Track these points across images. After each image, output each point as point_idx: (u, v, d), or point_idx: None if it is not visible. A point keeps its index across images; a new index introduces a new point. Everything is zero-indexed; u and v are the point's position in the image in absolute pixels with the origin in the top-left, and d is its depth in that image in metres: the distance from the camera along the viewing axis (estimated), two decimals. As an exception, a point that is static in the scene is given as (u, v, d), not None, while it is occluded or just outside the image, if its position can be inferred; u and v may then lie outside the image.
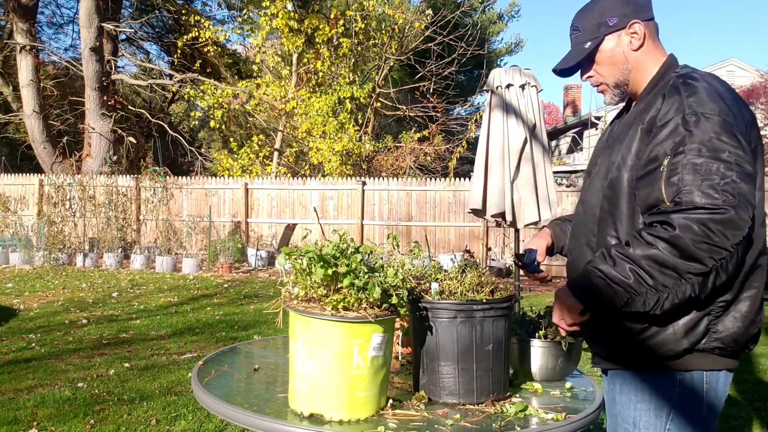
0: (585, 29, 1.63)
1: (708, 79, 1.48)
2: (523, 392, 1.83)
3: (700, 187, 1.32)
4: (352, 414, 1.53)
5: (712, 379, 1.48)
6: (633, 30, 1.57)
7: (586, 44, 1.62)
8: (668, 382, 1.48)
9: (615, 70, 1.61)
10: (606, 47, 1.60)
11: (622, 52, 1.59)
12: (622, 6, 1.58)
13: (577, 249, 1.65)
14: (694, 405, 1.48)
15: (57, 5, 29.93)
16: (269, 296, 8.63)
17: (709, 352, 1.45)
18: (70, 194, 13.40)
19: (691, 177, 1.33)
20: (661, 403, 1.49)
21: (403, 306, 1.62)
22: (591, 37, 1.61)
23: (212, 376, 1.86)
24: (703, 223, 1.30)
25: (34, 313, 7.20)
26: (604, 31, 1.59)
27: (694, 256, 1.31)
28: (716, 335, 1.43)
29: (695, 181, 1.32)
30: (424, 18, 16.12)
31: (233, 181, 13.95)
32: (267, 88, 15.52)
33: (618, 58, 1.60)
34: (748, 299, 1.44)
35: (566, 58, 1.68)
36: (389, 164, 16.10)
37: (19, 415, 3.78)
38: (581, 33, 1.64)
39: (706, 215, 1.30)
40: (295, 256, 1.58)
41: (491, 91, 5.93)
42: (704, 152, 1.34)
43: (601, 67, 1.63)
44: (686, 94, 1.43)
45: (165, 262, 11.70)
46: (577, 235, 1.67)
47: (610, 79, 1.63)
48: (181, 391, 4.37)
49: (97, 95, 15.28)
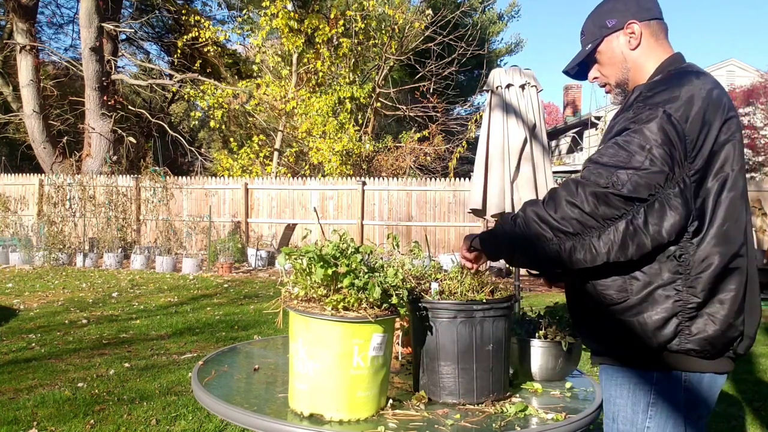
0: (588, 32, 1.69)
1: (688, 77, 1.48)
2: (523, 392, 1.83)
3: (610, 157, 1.41)
4: (352, 414, 1.53)
5: (692, 379, 1.48)
6: (630, 30, 1.61)
7: (587, 46, 1.68)
8: (646, 379, 1.50)
9: (615, 69, 1.66)
10: (605, 48, 1.65)
11: (621, 52, 1.63)
12: (621, 8, 1.63)
13: None
14: (673, 404, 1.48)
15: (57, 5, 29.96)
16: (269, 296, 8.63)
17: (685, 353, 1.45)
18: (70, 194, 13.41)
19: (611, 150, 1.43)
20: (638, 399, 1.50)
21: (403, 306, 1.62)
22: (591, 40, 1.67)
23: (212, 376, 1.86)
24: (578, 183, 1.41)
25: (34, 313, 7.20)
26: (604, 32, 1.65)
27: (565, 215, 1.41)
28: (690, 337, 1.42)
29: (608, 153, 1.42)
30: (424, 18, 16.13)
31: (233, 181, 13.95)
32: (267, 88, 15.52)
33: (617, 58, 1.64)
34: (724, 302, 1.43)
35: (571, 60, 1.75)
36: (389, 164, 16.11)
37: (19, 415, 3.78)
38: (585, 37, 1.70)
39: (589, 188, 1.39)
40: (295, 256, 1.58)
41: (491, 91, 5.93)
42: (630, 136, 1.42)
43: (604, 68, 1.68)
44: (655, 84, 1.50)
45: (165, 262, 11.70)
46: None
47: (612, 78, 1.68)
48: (181, 391, 4.37)
49: (97, 95, 15.29)
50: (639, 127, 1.41)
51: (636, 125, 1.42)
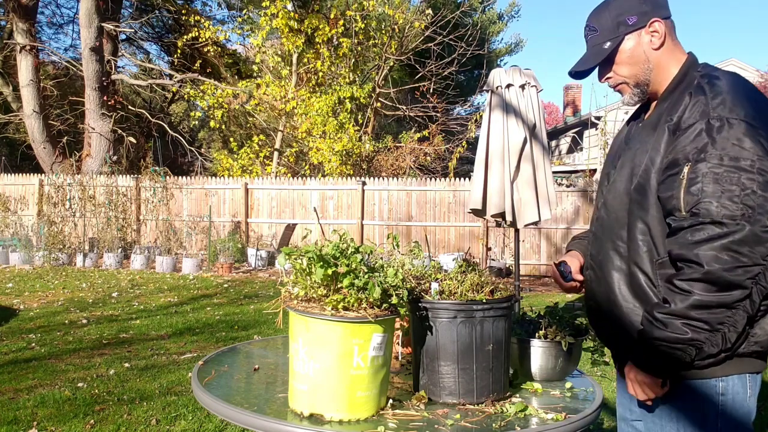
0: (603, 29, 1.58)
1: (732, 79, 1.45)
2: (523, 392, 1.82)
3: (719, 199, 1.30)
4: (352, 414, 1.53)
5: (755, 380, 1.48)
6: (653, 28, 1.54)
7: (605, 44, 1.57)
8: (709, 390, 1.46)
9: (636, 69, 1.57)
10: (626, 47, 1.56)
11: (643, 51, 1.55)
12: (640, 4, 1.54)
13: (603, 254, 1.61)
14: (739, 411, 1.47)
15: (57, 5, 29.94)
16: (269, 296, 8.63)
17: (748, 356, 1.44)
18: (70, 194, 13.40)
19: (710, 188, 1.32)
20: (706, 412, 1.46)
21: (403, 306, 1.62)
22: (610, 37, 1.56)
23: (212, 376, 1.86)
24: (728, 248, 1.29)
25: (34, 313, 7.20)
26: (624, 30, 1.55)
27: (731, 284, 1.30)
28: (754, 339, 1.42)
29: (714, 192, 1.31)
30: (424, 18, 16.12)
31: (233, 181, 13.95)
32: (267, 88, 15.52)
33: (639, 58, 1.56)
34: None
35: (584, 60, 1.63)
36: (389, 164, 16.10)
37: (19, 415, 3.78)
38: (599, 33, 1.59)
39: (728, 239, 1.29)
40: (295, 256, 1.58)
41: (491, 91, 5.93)
42: (726, 161, 1.32)
43: (621, 68, 1.59)
44: (711, 96, 1.40)
45: (165, 262, 11.70)
46: (602, 239, 1.63)
47: (630, 79, 1.59)
48: (181, 391, 4.37)
49: (97, 95, 15.29)
50: (729, 150, 1.33)
51: (723, 149, 1.34)
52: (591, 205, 12.65)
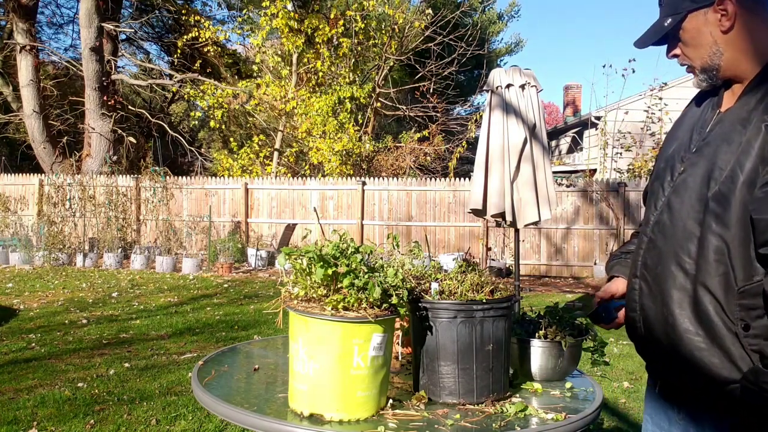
0: (667, 2, 1.38)
1: None
2: (523, 392, 1.82)
3: None
4: (352, 414, 1.53)
5: None
6: (723, 7, 1.29)
7: (666, 21, 1.38)
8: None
9: (701, 52, 1.35)
10: (689, 26, 1.34)
11: (709, 32, 1.32)
12: None
13: (662, 267, 1.36)
14: None
15: (57, 5, 29.92)
16: (269, 296, 8.63)
17: None
18: (70, 194, 13.41)
19: None
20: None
21: (403, 306, 1.62)
22: (672, 13, 1.36)
23: (212, 376, 1.86)
24: None
25: (34, 313, 7.20)
26: (687, 6, 1.33)
27: None
28: None
29: None
30: (424, 18, 16.13)
31: (233, 181, 13.95)
32: (267, 88, 15.53)
33: (704, 40, 1.33)
34: None
35: (645, 34, 1.44)
36: (389, 164, 16.11)
37: (19, 415, 3.78)
38: (664, 7, 1.39)
39: None
40: (295, 256, 1.58)
41: (491, 91, 5.93)
42: None
43: (687, 48, 1.37)
44: None
45: (165, 262, 11.71)
46: (662, 249, 1.37)
47: (696, 62, 1.37)
48: (181, 391, 4.37)
49: (97, 95, 15.29)
50: None
51: None
52: (591, 205, 12.64)
